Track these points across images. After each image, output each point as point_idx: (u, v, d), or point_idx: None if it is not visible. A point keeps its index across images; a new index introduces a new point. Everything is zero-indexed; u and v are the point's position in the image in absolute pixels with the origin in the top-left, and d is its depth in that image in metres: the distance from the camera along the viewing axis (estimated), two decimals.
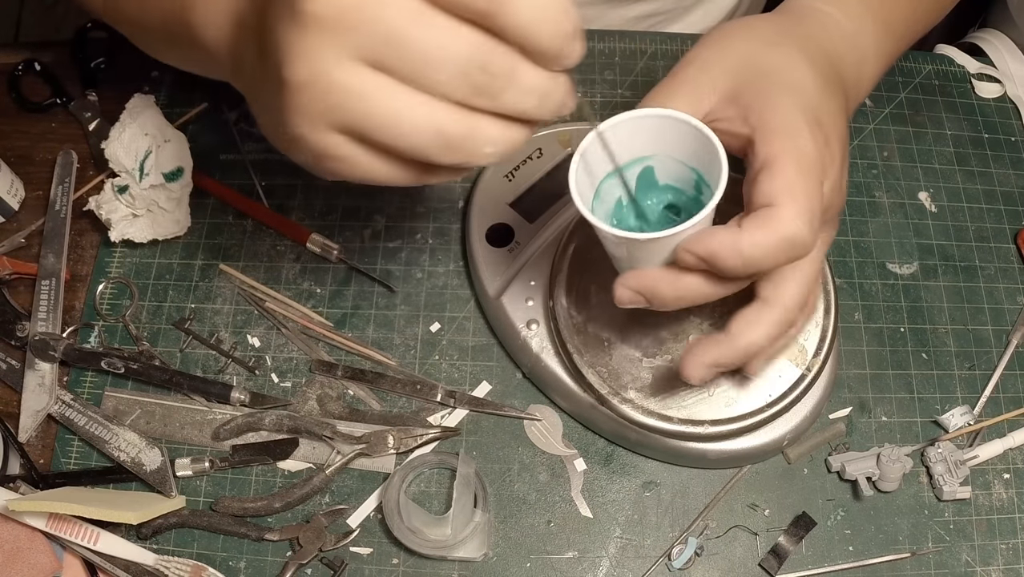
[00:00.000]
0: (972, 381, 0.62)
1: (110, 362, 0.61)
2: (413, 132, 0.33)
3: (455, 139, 0.33)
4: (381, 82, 0.32)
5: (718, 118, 0.44)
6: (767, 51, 0.45)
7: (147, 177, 0.62)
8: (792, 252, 0.39)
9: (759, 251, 0.39)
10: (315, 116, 0.33)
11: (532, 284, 0.60)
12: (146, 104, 0.65)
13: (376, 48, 0.31)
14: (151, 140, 0.63)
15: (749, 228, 0.39)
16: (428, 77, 0.32)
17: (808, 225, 0.39)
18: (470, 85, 0.32)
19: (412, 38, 0.31)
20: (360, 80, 0.32)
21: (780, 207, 0.39)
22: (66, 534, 0.54)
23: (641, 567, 0.56)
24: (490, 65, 0.32)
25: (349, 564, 0.56)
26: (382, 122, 0.32)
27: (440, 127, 0.32)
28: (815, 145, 0.40)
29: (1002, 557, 0.57)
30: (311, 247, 0.65)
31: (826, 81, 0.45)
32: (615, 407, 0.55)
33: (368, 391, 0.62)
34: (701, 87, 0.44)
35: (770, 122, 0.41)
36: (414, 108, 0.32)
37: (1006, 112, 0.72)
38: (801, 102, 0.42)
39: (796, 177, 0.39)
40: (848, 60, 0.49)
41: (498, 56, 0.32)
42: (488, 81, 0.32)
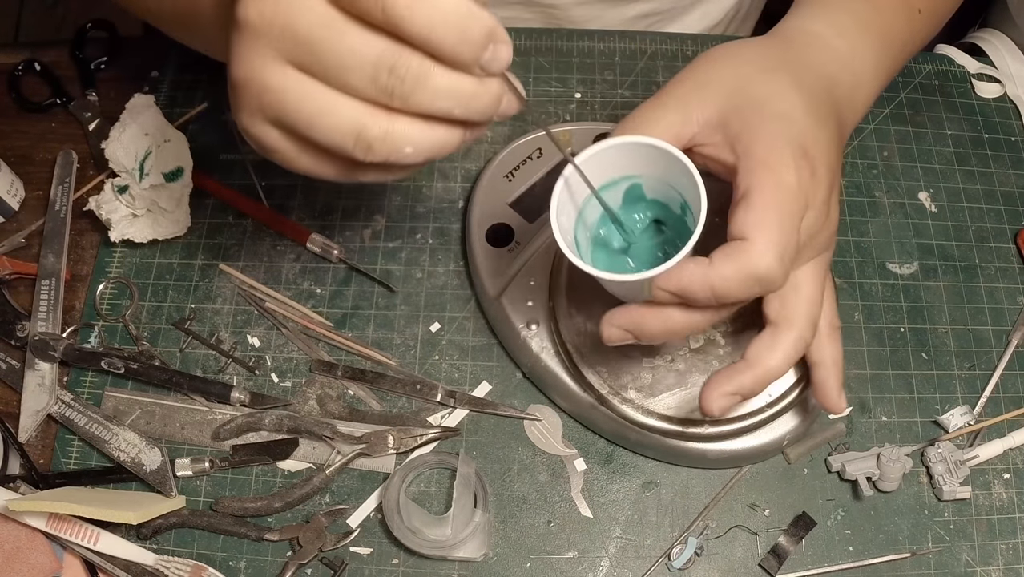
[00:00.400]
0: (972, 381, 0.62)
1: (110, 362, 0.61)
2: (332, 130, 0.35)
3: (373, 139, 0.35)
4: (304, 82, 0.34)
5: (704, 143, 0.45)
6: (759, 77, 0.45)
7: (147, 177, 0.62)
8: (761, 286, 0.40)
9: (728, 284, 0.40)
10: (252, 111, 0.36)
11: (532, 284, 0.60)
12: (146, 104, 0.65)
13: (296, 52, 0.34)
14: (151, 140, 0.63)
15: (718, 262, 0.40)
16: (343, 80, 0.34)
17: (777, 260, 0.39)
18: (380, 87, 0.34)
19: (324, 43, 0.33)
20: (286, 80, 0.34)
21: (750, 241, 0.40)
22: (66, 534, 0.54)
23: (641, 567, 0.56)
24: (398, 68, 0.33)
25: (349, 564, 0.56)
26: (304, 119, 0.35)
27: (358, 127, 0.34)
28: (797, 177, 0.41)
29: (1002, 557, 0.57)
30: (311, 247, 0.65)
31: (818, 109, 0.45)
32: (615, 407, 0.55)
33: (368, 391, 0.62)
34: (689, 108, 0.45)
35: (754, 152, 0.42)
36: (333, 107, 0.34)
37: (1006, 112, 0.72)
38: (788, 132, 0.43)
39: (770, 210, 0.40)
40: (843, 84, 0.49)
41: (406, 58, 0.33)
42: (397, 83, 0.33)
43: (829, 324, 0.48)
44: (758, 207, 0.40)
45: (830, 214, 0.44)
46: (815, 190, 0.42)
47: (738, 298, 0.40)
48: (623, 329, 0.44)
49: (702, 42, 0.74)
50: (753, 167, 0.42)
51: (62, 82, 0.73)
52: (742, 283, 0.40)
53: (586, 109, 0.71)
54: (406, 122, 0.35)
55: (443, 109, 0.35)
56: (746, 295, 0.40)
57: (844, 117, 0.48)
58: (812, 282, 0.44)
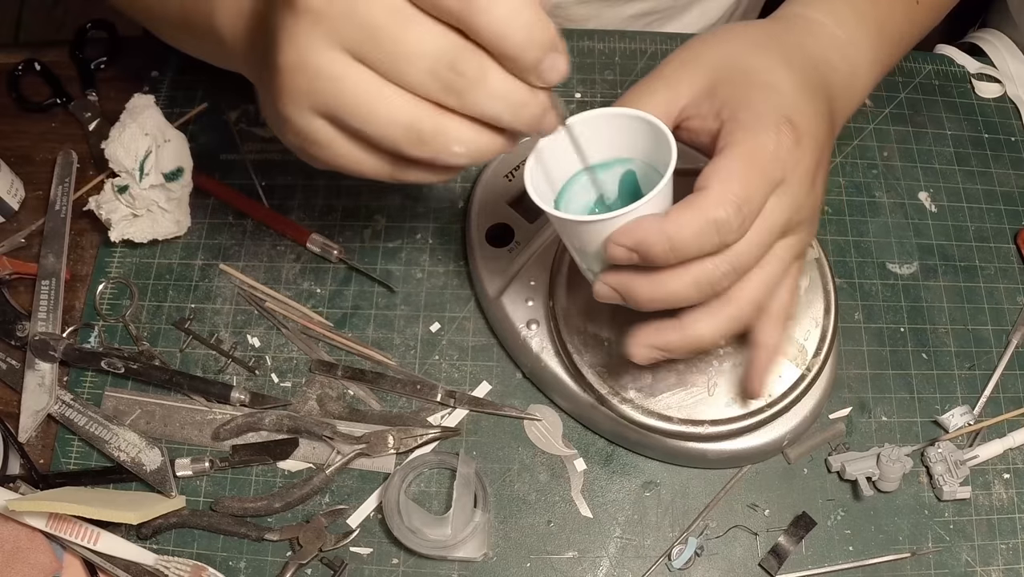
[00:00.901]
0: (972, 381, 0.62)
1: (110, 362, 0.61)
2: (385, 122, 0.34)
3: (425, 133, 0.35)
4: (361, 72, 0.34)
5: (692, 114, 0.44)
6: (749, 52, 0.45)
7: (147, 177, 0.62)
8: (719, 236, 0.39)
9: (684, 233, 0.38)
10: (300, 99, 0.35)
11: (532, 284, 0.60)
12: (146, 104, 0.65)
13: (357, 39, 0.33)
14: (151, 140, 0.63)
15: (674, 211, 0.39)
16: (402, 71, 0.33)
17: (735, 209, 0.39)
18: (439, 82, 0.33)
19: (388, 32, 0.33)
20: (341, 68, 0.34)
21: (709, 189, 0.39)
22: (66, 534, 0.54)
23: (641, 567, 0.56)
24: (459, 64, 0.33)
25: (349, 564, 0.56)
26: (357, 109, 0.34)
27: (411, 120, 0.34)
28: (776, 140, 0.40)
29: (1002, 557, 0.57)
30: (311, 247, 0.65)
31: (806, 84, 0.45)
32: (615, 407, 0.55)
33: (368, 391, 0.62)
34: (680, 82, 0.45)
35: (738, 116, 0.42)
36: (388, 99, 0.34)
37: (1006, 112, 0.72)
38: (772, 100, 0.42)
39: (736, 163, 0.40)
40: (838, 68, 0.48)
41: (468, 56, 0.33)
42: (456, 80, 0.33)
43: (785, 312, 0.46)
44: (724, 160, 0.40)
45: (815, 189, 0.43)
46: (799, 160, 0.41)
47: (694, 249, 0.39)
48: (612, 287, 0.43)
49: None
50: (733, 129, 0.41)
51: (62, 82, 0.73)
52: (697, 231, 0.38)
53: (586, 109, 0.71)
54: (459, 122, 0.35)
55: (494, 112, 0.35)
56: (703, 246, 0.39)
57: (837, 100, 0.48)
58: (774, 263, 0.43)
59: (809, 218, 0.44)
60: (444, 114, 0.35)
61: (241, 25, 0.44)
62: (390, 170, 0.38)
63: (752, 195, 0.39)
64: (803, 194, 0.42)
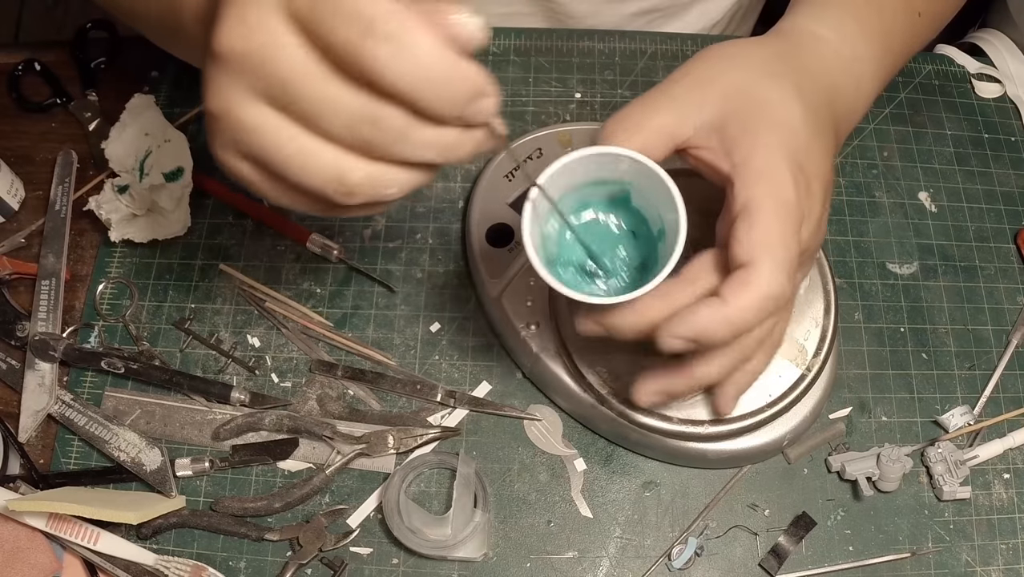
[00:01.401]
0: (972, 381, 0.62)
1: (110, 362, 0.61)
2: (311, 174, 0.33)
3: (353, 185, 0.33)
4: (283, 124, 0.32)
5: (699, 145, 0.44)
6: (761, 81, 0.44)
7: (147, 177, 0.62)
8: (774, 307, 0.40)
9: (746, 314, 0.39)
10: (227, 144, 0.34)
11: (532, 284, 0.60)
12: (146, 104, 0.65)
13: (273, 92, 0.32)
14: (151, 140, 0.63)
15: (731, 296, 0.39)
16: (320, 126, 0.32)
17: (787, 278, 0.39)
18: (360, 139, 0.32)
19: (303, 90, 0.31)
20: (262, 119, 0.32)
21: (759, 265, 0.39)
22: (66, 534, 0.54)
23: (641, 567, 0.56)
24: (379, 121, 0.31)
25: (349, 564, 0.56)
26: (281, 161, 0.33)
27: (338, 174, 0.33)
28: (796, 192, 0.40)
29: (1002, 557, 0.57)
30: (311, 247, 0.65)
31: (816, 119, 0.44)
32: (615, 407, 0.55)
33: (368, 391, 0.62)
34: (689, 106, 0.43)
35: (753, 163, 0.41)
36: (312, 151, 0.32)
37: (1006, 112, 0.72)
38: (787, 144, 0.42)
39: (775, 229, 0.40)
40: (844, 90, 0.48)
41: (385, 112, 0.31)
42: (378, 136, 0.32)
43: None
44: (763, 225, 0.40)
45: (820, 227, 0.44)
46: (811, 205, 0.42)
47: (753, 326, 0.40)
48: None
49: (702, 42, 0.74)
50: (751, 180, 0.41)
51: (62, 82, 0.73)
52: (759, 309, 0.39)
53: (586, 109, 0.71)
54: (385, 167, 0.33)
55: (426, 159, 0.33)
56: (760, 320, 0.40)
57: (841, 126, 0.48)
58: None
59: (812, 253, 0.45)
60: (374, 163, 0.33)
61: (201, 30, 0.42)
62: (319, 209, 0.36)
63: (793, 257, 0.40)
64: (810, 235, 0.43)
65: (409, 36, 0.29)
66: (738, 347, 0.43)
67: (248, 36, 0.31)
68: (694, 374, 0.44)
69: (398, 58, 0.29)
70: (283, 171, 0.33)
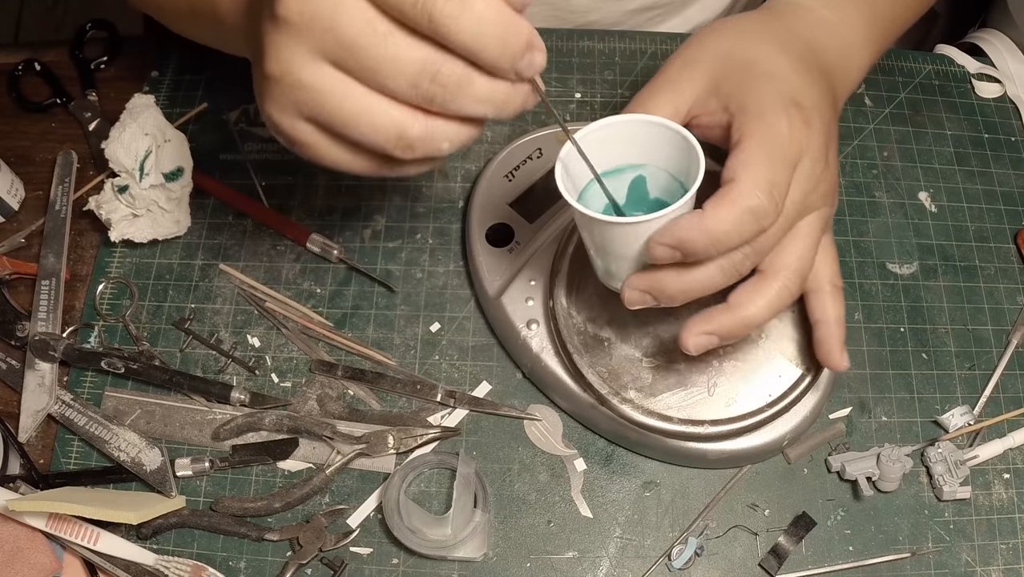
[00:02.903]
0: (972, 381, 0.62)
1: (110, 362, 0.61)
2: (373, 131, 0.35)
3: (413, 139, 0.35)
4: (345, 82, 0.34)
5: (700, 112, 0.46)
6: (746, 44, 0.47)
7: (147, 177, 0.62)
8: (756, 222, 0.41)
9: (722, 224, 0.40)
10: (286, 106, 0.36)
11: (532, 284, 0.60)
12: (146, 104, 0.65)
13: (338, 53, 0.34)
14: (151, 140, 0.63)
15: (709, 207, 0.41)
16: (384, 83, 0.34)
17: (767, 194, 0.40)
18: (421, 93, 0.34)
19: (367, 47, 0.33)
20: (325, 79, 0.34)
21: (738, 180, 0.41)
22: (66, 534, 0.54)
23: (641, 567, 0.56)
24: (439, 76, 0.34)
25: (349, 564, 0.56)
26: (344, 119, 0.35)
27: (399, 128, 0.35)
28: (788, 124, 0.42)
29: (1002, 557, 0.57)
30: (311, 247, 0.65)
31: (806, 68, 0.47)
32: (615, 407, 0.55)
33: (368, 391, 0.62)
34: (682, 83, 0.46)
35: (747, 106, 0.43)
36: (374, 108, 0.35)
37: (1006, 112, 0.72)
38: (778, 87, 0.44)
39: (758, 150, 0.41)
40: (831, 48, 0.50)
41: (448, 66, 0.34)
42: (438, 90, 0.34)
43: (830, 282, 0.49)
44: (746, 150, 0.42)
45: (829, 164, 0.45)
46: (811, 139, 0.43)
47: (734, 240, 0.41)
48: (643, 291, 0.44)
49: None
50: (744, 119, 0.43)
51: (62, 82, 0.73)
52: (735, 221, 0.40)
53: (586, 109, 0.71)
54: (443, 121, 0.36)
55: (480, 113, 0.36)
56: (742, 236, 0.41)
57: (835, 77, 0.50)
58: (806, 236, 0.45)
59: (828, 192, 0.46)
60: (430, 117, 0.35)
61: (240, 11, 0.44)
62: (376, 167, 0.39)
63: (778, 178, 0.41)
64: (819, 170, 0.44)
65: None
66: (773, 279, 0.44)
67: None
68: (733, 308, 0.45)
69: (464, 13, 0.32)
70: (346, 129, 0.35)
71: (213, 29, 0.50)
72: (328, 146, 0.37)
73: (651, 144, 0.45)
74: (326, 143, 0.37)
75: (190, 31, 0.56)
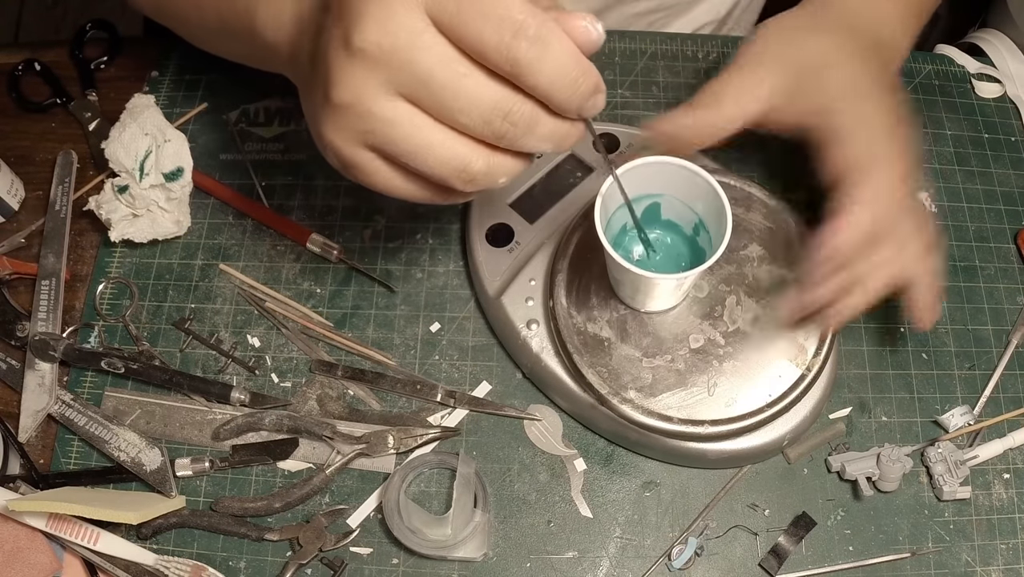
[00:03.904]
0: (972, 381, 0.62)
1: (110, 362, 0.61)
2: (439, 164, 0.37)
3: (476, 173, 0.37)
4: (415, 115, 0.36)
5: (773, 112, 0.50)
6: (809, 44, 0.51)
7: (147, 177, 0.62)
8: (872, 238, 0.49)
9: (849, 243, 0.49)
10: (351, 134, 0.37)
11: (532, 284, 0.60)
12: (146, 104, 0.65)
13: (412, 87, 0.35)
14: (151, 140, 0.63)
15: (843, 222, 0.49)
16: (456, 118, 0.35)
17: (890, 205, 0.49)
18: (492, 130, 0.36)
19: (444, 83, 0.34)
20: (396, 112, 0.35)
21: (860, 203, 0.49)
22: (66, 534, 0.54)
23: (641, 567, 0.56)
24: (512, 115, 0.35)
25: (349, 564, 0.56)
26: (411, 151, 0.36)
27: (464, 162, 0.37)
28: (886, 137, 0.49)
29: (1002, 557, 0.57)
30: (311, 247, 0.65)
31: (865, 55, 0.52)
32: (615, 407, 0.55)
33: (368, 391, 0.62)
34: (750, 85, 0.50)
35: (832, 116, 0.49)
36: (442, 143, 0.36)
37: (1006, 112, 0.72)
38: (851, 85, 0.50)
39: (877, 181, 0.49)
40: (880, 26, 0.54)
41: (519, 107, 0.35)
42: (509, 129, 0.36)
43: (924, 245, 0.52)
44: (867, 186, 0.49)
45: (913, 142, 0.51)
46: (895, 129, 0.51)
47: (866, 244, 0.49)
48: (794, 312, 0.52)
49: (701, 42, 0.74)
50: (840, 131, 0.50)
51: (62, 82, 0.73)
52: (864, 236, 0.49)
53: None
54: (502, 157, 0.37)
55: (541, 149, 0.37)
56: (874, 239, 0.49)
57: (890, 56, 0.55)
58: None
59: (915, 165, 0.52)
60: (494, 153, 0.37)
61: (283, 33, 0.45)
62: (432, 196, 0.40)
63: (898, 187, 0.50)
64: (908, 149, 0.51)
65: (553, 38, 0.34)
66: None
67: (395, 33, 0.34)
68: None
69: (543, 58, 0.34)
70: (412, 160, 0.37)
71: (246, 45, 0.50)
72: (389, 175, 0.39)
73: (669, 178, 0.50)
74: (386, 171, 0.39)
75: (215, 45, 0.56)
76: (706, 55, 0.74)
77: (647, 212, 0.54)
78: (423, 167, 0.37)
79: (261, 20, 0.46)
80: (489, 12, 0.33)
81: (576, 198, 0.62)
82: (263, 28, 0.46)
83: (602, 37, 0.36)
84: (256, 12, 0.47)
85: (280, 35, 0.45)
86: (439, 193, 0.40)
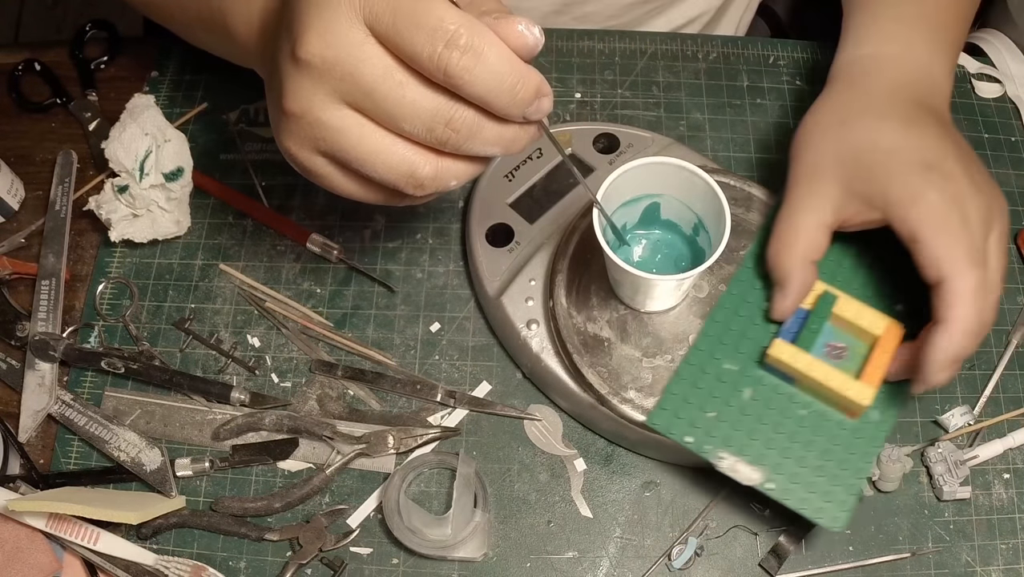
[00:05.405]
0: (972, 381, 0.62)
1: (110, 362, 0.61)
2: (387, 169, 0.38)
3: (424, 178, 0.38)
4: (363, 124, 0.37)
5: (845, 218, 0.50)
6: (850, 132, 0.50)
7: (147, 177, 0.62)
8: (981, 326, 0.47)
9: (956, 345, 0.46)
10: (304, 141, 0.38)
11: (532, 284, 0.60)
12: (146, 104, 0.65)
13: (356, 96, 0.36)
14: (151, 140, 0.63)
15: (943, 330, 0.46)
16: (400, 126, 0.36)
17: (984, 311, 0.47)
18: (435, 137, 0.36)
19: (385, 94, 0.35)
20: (343, 121, 0.37)
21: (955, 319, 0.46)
22: (66, 534, 0.54)
23: (641, 567, 0.56)
24: (453, 122, 0.36)
25: (349, 564, 0.56)
26: (360, 158, 0.37)
27: (411, 169, 0.37)
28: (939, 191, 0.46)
29: (1002, 557, 0.57)
30: (311, 247, 0.65)
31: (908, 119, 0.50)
32: (615, 407, 0.55)
33: (368, 391, 0.62)
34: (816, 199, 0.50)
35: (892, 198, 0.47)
36: (389, 149, 0.37)
37: (1006, 112, 0.72)
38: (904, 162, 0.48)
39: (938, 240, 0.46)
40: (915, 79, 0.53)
41: (460, 113, 0.36)
42: (452, 135, 0.36)
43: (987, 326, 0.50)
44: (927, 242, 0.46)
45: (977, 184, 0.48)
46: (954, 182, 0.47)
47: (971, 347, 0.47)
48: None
49: (701, 42, 0.74)
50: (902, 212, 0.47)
51: (62, 82, 0.73)
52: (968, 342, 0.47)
53: (586, 109, 0.71)
54: (452, 161, 0.38)
55: (489, 153, 0.38)
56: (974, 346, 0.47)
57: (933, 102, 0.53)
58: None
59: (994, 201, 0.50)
60: (441, 158, 0.38)
61: (252, 30, 0.46)
62: (385, 199, 0.41)
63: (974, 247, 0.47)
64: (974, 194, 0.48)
65: (486, 46, 0.34)
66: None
67: (335, 45, 0.35)
68: None
69: (478, 66, 0.34)
70: (361, 166, 0.38)
71: (224, 43, 0.51)
72: (342, 179, 0.40)
73: (667, 179, 0.50)
74: (340, 176, 0.40)
75: (199, 41, 0.57)
76: (706, 55, 0.74)
77: (646, 212, 0.54)
78: (372, 173, 0.38)
79: (232, 18, 0.48)
80: (422, 23, 0.34)
81: (576, 198, 0.62)
82: (235, 26, 0.48)
83: (540, 40, 0.36)
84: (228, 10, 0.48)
85: (251, 34, 0.46)
86: (393, 196, 0.41)
